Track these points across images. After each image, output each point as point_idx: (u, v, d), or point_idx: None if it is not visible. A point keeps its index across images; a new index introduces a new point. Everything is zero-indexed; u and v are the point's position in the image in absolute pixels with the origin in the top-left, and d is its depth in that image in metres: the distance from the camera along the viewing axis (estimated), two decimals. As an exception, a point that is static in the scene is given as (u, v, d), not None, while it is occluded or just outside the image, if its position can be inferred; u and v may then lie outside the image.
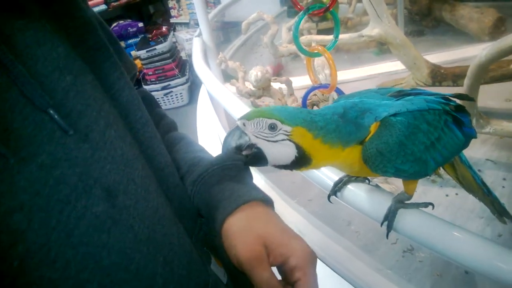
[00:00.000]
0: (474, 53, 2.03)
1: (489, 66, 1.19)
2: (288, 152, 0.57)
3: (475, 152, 1.47)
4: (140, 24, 4.31)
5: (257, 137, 0.57)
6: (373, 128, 0.61)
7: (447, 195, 1.31)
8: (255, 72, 1.56)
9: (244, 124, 0.57)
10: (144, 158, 0.49)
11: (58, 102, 0.39)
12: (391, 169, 0.61)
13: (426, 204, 0.71)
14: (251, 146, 0.57)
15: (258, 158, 0.57)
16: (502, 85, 1.57)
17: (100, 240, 0.39)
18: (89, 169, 0.39)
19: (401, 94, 0.67)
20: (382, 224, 0.71)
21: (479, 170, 1.34)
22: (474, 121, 1.33)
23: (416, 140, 0.61)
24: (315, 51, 1.09)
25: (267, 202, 0.57)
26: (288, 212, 1.35)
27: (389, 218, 0.70)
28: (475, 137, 0.70)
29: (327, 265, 1.04)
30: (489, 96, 1.59)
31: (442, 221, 0.70)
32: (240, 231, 0.51)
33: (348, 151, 0.60)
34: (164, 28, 4.36)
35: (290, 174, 1.19)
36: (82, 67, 0.44)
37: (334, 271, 1.03)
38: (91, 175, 0.39)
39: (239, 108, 1.26)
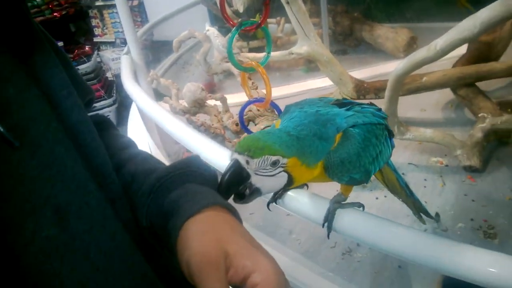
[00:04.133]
0: (391, 69, 2.23)
1: (405, 78, 1.32)
2: (280, 182, 0.59)
3: (398, 157, 1.60)
4: (60, 44, 4.09)
5: (257, 174, 0.57)
6: (337, 138, 0.65)
7: (377, 198, 1.40)
8: (191, 88, 1.55)
9: (247, 162, 0.56)
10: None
11: (0, 113, 0.35)
12: (346, 177, 0.66)
13: (359, 204, 0.76)
14: (250, 184, 0.57)
15: (254, 195, 0.59)
16: (417, 97, 1.75)
17: (52, 269, 0.34)
18: (37, 188, 0.35)
19: (341, 103, 0.72)
20: (323, 225, 0.75)
21: (402, 174, 1.46)
22: (395, 129, 1.46)
23: (367, 153, 0.67)
24: (249, 66, 1.12)
25: (234, 213, 0.50)
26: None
27: (329, 219, 0.74)
28: (394, 146, 0.78)
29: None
30: (407, 107, 1.75)
31: (377, 218, 0.75)
32: (198, 232, 0.44)
33: (319, 165, 0.64)
34: (87, 48, 4.18)
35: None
36: (26, 80, 0.40)
37: (280, 279, 1.04)
38: (40, 195, 0.35)
39: (175, 125, 1.24)
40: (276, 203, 0.82)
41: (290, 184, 0.61)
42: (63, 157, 0.39)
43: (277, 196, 0.81)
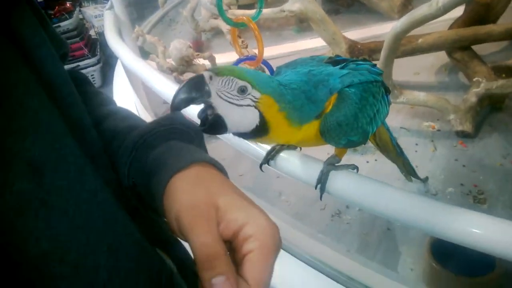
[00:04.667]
0: (385, 30, 2.17)
1: (404, 36, 1.27)
2: (250, 119, 0.53)
3: (391, 120, 1.56)
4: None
5: (220, 96, 0.50)
6: (331, 100, 0.61)
7: (367, 162, 1.39)
8: (177, 45, 1.48)
9: (210, 78, 0.50)
10: None
11: None
12: (344, 140, 0.63)
13: (353, 166, 0.74)
14: (209, 107, 0.51)
15: (217, 124, 0.52)
16: (411, 60, 1.70)
17: (25, 225, 0.31)
18: (5, 140, 0.32)
19: (334, 61, 0.68)
20: (316, 187, 0.73)
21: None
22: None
23: (365, 113, 0.63)
24: (240, 22, 1.06)
25: (222, 170, 0.47)
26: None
27: (322, 181, 0.72)
28: (390, 103, 0.75)
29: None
30: (400, 70, 1.70)
31: (371, 180, 0.73)
32: (186, 186, 0.41)
33: (305, 129, 0.60)
34: (68, 4, 3.96)
35: (221, 150, 1.18)
36: None
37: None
38: (9, 148, 0.32)
39: (163, 84, 1.18)
40: (268, 164, 0.80)
41: (263, 129, 0.54)
42: (36, 108, 0.35)
43: (269, 157, 0.79)
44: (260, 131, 0.54)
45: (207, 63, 1.72)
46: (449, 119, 1.46)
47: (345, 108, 0.61)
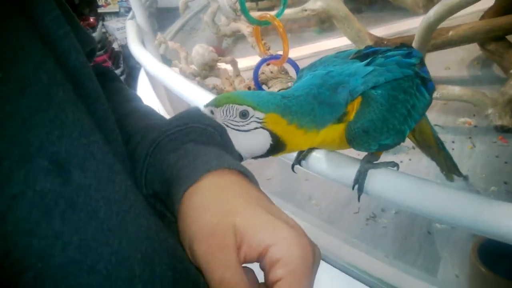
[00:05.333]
0: (410, 26, 2.10)
1: (437, 26, 1.20)
2: (262, 141, 0.51)
3: (423, 118, 1.50)
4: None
5: (227, 126, 0.49)
6: (355, 103, 0.57)
7: (401, 161, 1.32)
8: (199, 50, 1.46)
9: (212, 112, 0.50)
10: None
11: None
12: (375, 146, 0.60)
13: (394, 164, 0.69)
14: None
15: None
16: (440, 54, 1.63)
17: (50, 229, 0.27)
18: (28, 133, 0.28)
19: (362, 55, 0.64)
20: (353, 187, 0.68)
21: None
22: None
23: (396, 113, 0.59)
24: (264, 20, 1.03)
25: (247, 175, 0.41)
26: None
27: (360, 180, 0.67)
28: (435, 89, 0.70)
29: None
30: (430, 65, 1.62)
31: (413, 177, 0.68)
32: (200, 205, 0.35)
33: (324, 133, 0.56)
34: (91, 19, 4.08)
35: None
36: (9, 9, 0.32)
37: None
38: (32, 142, 0.28)
39: (187, 87, 1.17)
40: (300, 165, 0.76)
41: (278, 145, 0.52)
42: (62, 100, 0.32)
43: (301, 157, 0.75)
44: (276, 148, 0.52)
45: (229, 67, 1.69)
46: (487, 114, 1.37)
47: (370, 113, 0.57)
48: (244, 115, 0.49)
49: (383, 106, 0.57)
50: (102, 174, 0.32)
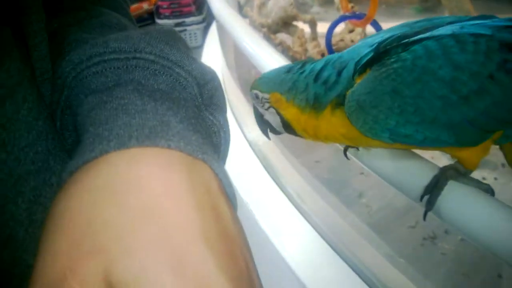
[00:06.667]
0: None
1: None
2: (276, 120, 0.54)
3: None
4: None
5: (258, 108, 0.56)
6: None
7: (483, 178, 1.07)
8: (281, 2, 1.32)
9: (256, 96, 0.55)
10: None
11: None
12: (384, 132, 0.44)
13: (487, 187, 0.49)
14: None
15: (271, 127, 0.56)
16: None
17: None
18: None
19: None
20: (422, 198, 0.50)
21: None
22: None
23: (427, 90, 0.41)
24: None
25: (213, 166, 0.26)
26: (288, 173, 1.14)
27: (433, 191, 0.49)
28: None
29: (326, 242, 0.84)
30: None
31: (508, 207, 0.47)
32: (59, 221, 0.20)
33: (328, 116, 0.48)
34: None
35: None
36: None
37: (334, 250, 0.83)
38: None
39: (247, 38, 1.02)
40: (345, 156, 0.61)
41: (286, 124, 0.53)
42: None
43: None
44: (289, 129, 0.54)
45: (306, 28, 1.52)
46: None
47: (373, 81, 0.43)
48: (257, 97, 0.54)
49: (397, 75, 0.42)
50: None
